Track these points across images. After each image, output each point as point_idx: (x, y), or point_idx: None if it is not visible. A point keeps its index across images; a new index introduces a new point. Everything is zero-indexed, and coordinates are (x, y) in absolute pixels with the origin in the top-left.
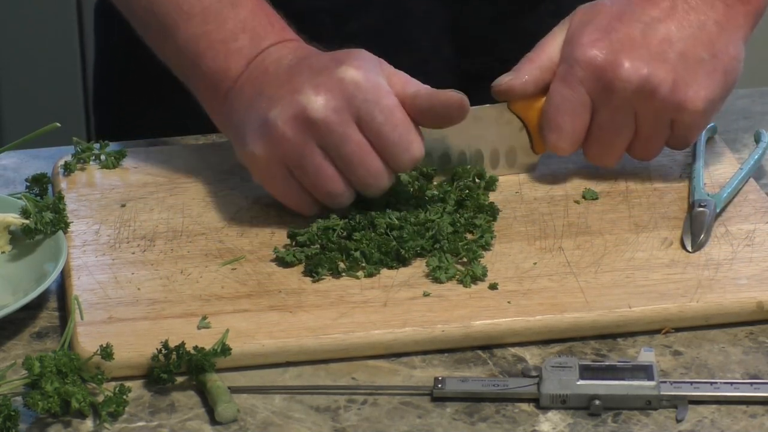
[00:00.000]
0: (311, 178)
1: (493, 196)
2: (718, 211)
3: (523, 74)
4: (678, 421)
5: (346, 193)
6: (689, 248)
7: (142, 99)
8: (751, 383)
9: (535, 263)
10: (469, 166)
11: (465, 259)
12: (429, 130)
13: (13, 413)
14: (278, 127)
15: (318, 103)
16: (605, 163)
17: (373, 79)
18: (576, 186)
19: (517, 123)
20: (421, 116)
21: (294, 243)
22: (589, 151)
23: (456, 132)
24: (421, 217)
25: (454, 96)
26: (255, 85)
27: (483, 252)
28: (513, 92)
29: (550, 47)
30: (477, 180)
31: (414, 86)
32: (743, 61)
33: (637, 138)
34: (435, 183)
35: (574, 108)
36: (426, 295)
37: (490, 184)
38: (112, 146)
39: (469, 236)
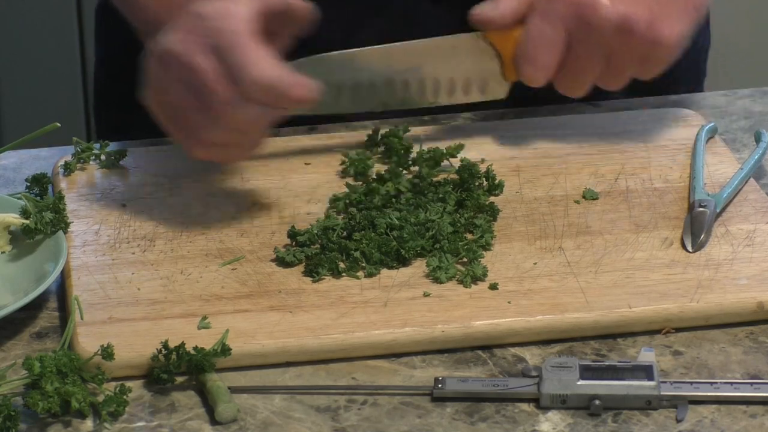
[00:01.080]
0: (179, 113)
1: (492, 196)
2: (718, 211)
3: (502, 5)
4: (678, 421)
5: (211, 127)
6: (689, 248)
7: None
8: (751, 383)
9: (535, 263)
10: (473, 167)
11: (465, 259)
12: (405, 60)
13: (13, 413)
14: (149, 69)
15: (168, 37)
16: (575, 94)
17: (221, 7)
18: (576, 186)
19: (491, 51)
20: (272, 23)
21: (294, 243)
22: (561, 83)
23: (431, 61)
24: (421, 217)
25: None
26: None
27: (483, 252)
28: (491, 23)
29: None
30: (484, 181)
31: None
32: None
33: (608, 70)
34: (440, 179)
35: (550, 43)
36: (426, 295)
37: (495, 188)
38: (112, 146)
39: (469, 236)
